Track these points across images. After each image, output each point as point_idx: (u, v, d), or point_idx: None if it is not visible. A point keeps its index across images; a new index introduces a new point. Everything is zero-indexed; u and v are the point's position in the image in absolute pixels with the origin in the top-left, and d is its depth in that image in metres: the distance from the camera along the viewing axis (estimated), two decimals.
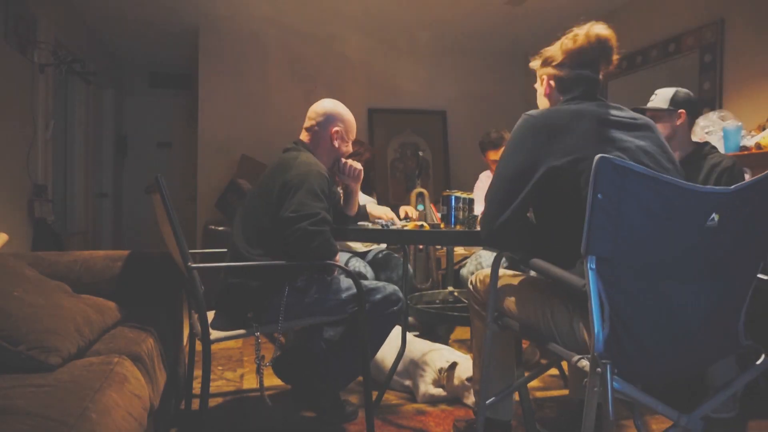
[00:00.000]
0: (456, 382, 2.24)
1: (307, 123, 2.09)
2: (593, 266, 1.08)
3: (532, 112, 1.42)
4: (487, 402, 1.67)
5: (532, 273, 1.75)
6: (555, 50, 1.55)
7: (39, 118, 3.82)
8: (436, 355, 2.34)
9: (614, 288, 1.11)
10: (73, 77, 4.58)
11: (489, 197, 1.45)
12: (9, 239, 2.64)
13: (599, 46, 1.48)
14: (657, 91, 2.35)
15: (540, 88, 1.63)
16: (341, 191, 2.23)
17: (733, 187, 1.17)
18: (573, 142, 1.33)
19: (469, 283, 1.78)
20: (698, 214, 1.14)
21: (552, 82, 1.56)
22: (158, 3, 4.48)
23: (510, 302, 1.54)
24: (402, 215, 2.66)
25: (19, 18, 3.51)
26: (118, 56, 6.03)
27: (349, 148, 2.14)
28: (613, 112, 1.42)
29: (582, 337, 1.30)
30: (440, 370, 2.27)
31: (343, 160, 2.12)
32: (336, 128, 2.06)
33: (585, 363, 1.19)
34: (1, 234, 2.60)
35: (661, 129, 2.20)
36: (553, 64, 1.54)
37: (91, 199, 5.25)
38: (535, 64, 1.65)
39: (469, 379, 2.19)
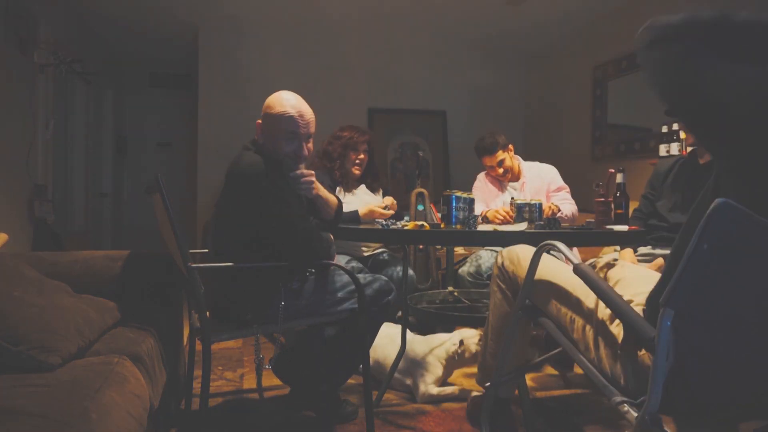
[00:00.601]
0: (473, 350, 2.32)
1: None
2: (669, 322, 0.95)
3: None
4: (499, 379, 1.62)
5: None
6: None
7: (39, 118, 3.82)
8: (440, 350, 2.35)
9: (686, 342, 0.99)
10: (73, 77, 4.58)
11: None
12: (9, 239, 2.64)
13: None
14: None
15: None
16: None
17: None
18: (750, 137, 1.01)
19: (497, 259, 1.72)
20: None
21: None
22: (158, 3, 4.48)
23: (546, 297, 1.45)
24: (383, 204, 2.66)
25: (19, 18, 3.51)
26: (118, 56, 6.03)
27: (284, 147, 1.85)
28: None
29: (620, 373, 1.20)
30: (451, 357, 2.31)
31: (298, 171, 1.86)
32: (258, 120, 1.91)
33: (628, 409, 1.08)
34: (1, 234, 2.60)
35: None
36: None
37: (91, 199, 5.26)
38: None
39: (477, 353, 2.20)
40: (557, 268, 1.51)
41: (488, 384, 1.69)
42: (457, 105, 5.61)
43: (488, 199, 3.06)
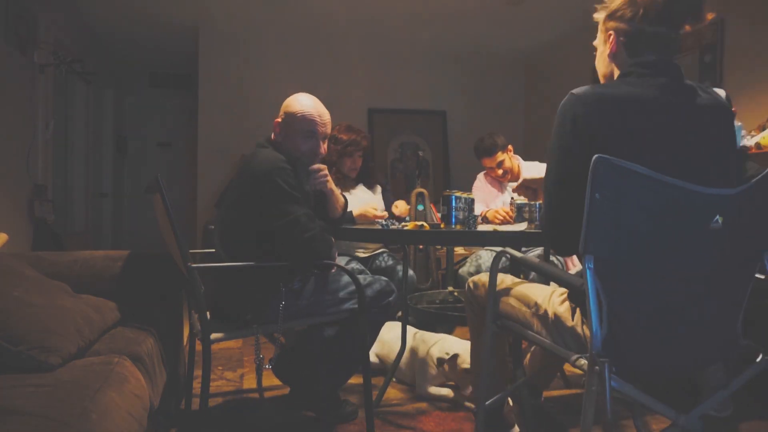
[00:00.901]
0: (458, 371, 2.24)
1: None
2: (591, 265, 1.08)
3: (578, 91, 1.25)
4: (486, 403, 1.67)
5: (532, 276, 1.74)
6: (627, 0, 1.28)
7: (39, 118, 3.82)
8: (437, 348, 2.34)
9: (613, 287, 1.10)
10: (73, 77, 4.58)
11: (552, 200, 1.34)
12: (9, 239, 2.64)
13: None
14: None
15: (603, 46, 1.37)
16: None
17: (737, 189, 1.15)
18: (623, 141, 1.18)
19: (467, 285, 1.78)
20: (703, 216, 1.12)
21: (623, 39, 1.30)
22: (158, 3, 4.48)
23: (509, 305, 1.54)
24: (396, 211, 2.66)
25: (19, 18, 3.51)
26: (118, 56, 6.03)
27: (301, 145, 1.93)
28: (681, 97, 1.23)
29: (582, 337, 1.30)
30: (439, 361, 2.27)
31: (314, 166, 1.95)
32: (277, 119, 1.97)
33: (583, 362, 1.19)
34: (1, 234, 2.60)
35: None
36: (627, 17, 1.28)
37: (91, 199, 5.26)
38: (599, 15, 1.36)
39: (468, 371, 2.19)
40: (518, 283, 1.60)
41: (476, 407, 1.74)
42: (457, 105, 5.61)
43: (488, 199, 3.06)
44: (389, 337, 2.51)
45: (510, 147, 3.07)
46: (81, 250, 2.13)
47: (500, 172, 3.02)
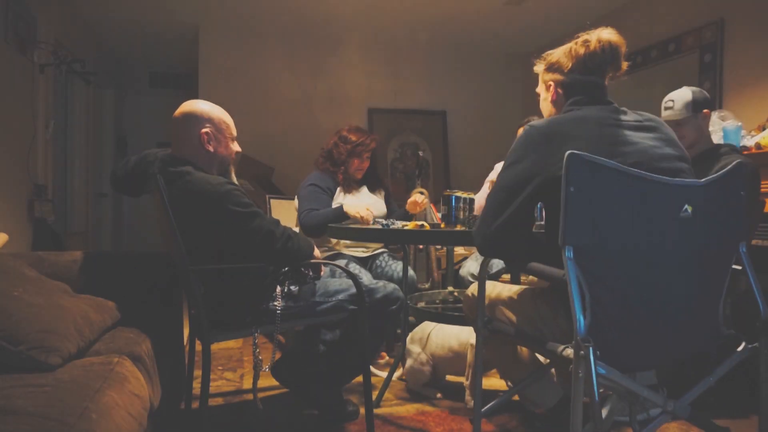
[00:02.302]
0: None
1: (172, 131, 1.85)
2: (571, 255, 1.13)
3: (535, 123, 1.39)
4: (483, 410, 1.68)
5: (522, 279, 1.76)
6: (562, 56, 1.50)
7: (39, 118, 3.82)
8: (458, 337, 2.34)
9: (594, 277, 1.15)
10: (73, 77, 4.58)
11: (486, 205, 1.45)
12: (9, 239, 2.64)
13: (610, 52, 1.44)
14: (672, 98, 2.28)
15: (545, 93, 1.58)
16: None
17: (703, 180, 1.23)
18: (577, 148, 1.30)
19: (466, 294, 1.78)
20: (671, 205, 1.19)
21: (560, 90, 1.51)
22: (158, 3, 4.48)
23: (501, 309, 1.58)
24: (412, 209, 2.66)
25: (19, 18, 3.51)
26: (118, 56, 6.03)
27: (234, 148, 1.91)
28: (617, 115, 1.39)
29: (567, 331, 1.33)
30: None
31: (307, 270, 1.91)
32: (204, 130, 1.80)
33: (570, 351, 1.22)
34: (1, 234, 2.60)
35: (688, 134, 2.22)
36: (562, 69, 1.49)
37: (91, 199, 5.26)
38: (539, 68, 1.58)
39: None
40: (505, 287, 1.66)
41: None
42: (457, 105, 5.61)
43: None
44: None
45: None
46: (81, 250, 2.13)
47: None
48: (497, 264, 2.88)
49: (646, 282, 1.21)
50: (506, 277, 2.47)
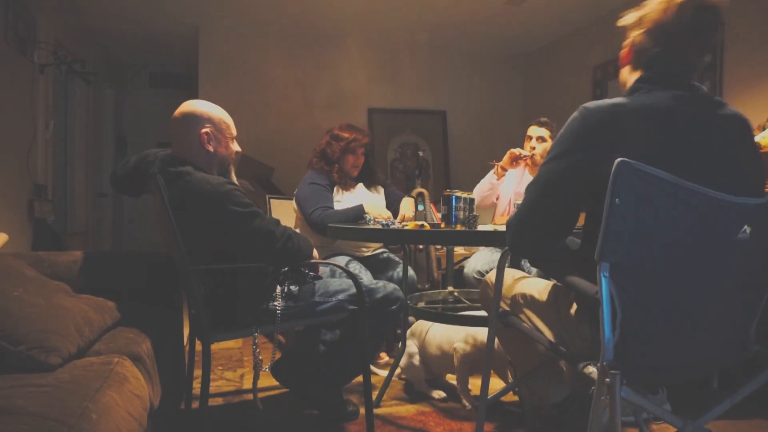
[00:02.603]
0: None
1: (171, 132, 1.84)
2: (606, 273, 1.04)
3: (591, 105, 1.19)
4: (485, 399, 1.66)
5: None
6: (649, 13, 1.22)
7: (39, 118, 3.82)
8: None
9: (629, 296, 1.07)
10: (73, 77, 4.58)
11: (525, 197, 1.30)
12: (9, 239, 2.64)
13: (700, 18, 1.16)
14: None
15: (623, 51, 1.32)
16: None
17: (766, 198, 1.11)
18: (635, 147, 1.12)
19: (485, 282, 1.74)
20: (729, 226, 1.08)
21: (632, 54, 1.27)
22: (158, 3, 4.48)
23: (520, 303, 1.52)
24: (399, 219, 2.65)
25: (19, 18, 3.51)
26: (118, 56, 6.03)
27: (234, 148, 1.91)
28: (695, 108, 1.17)
29: (589, 340, 1.27)
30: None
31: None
32: (204, 130, 1.81)
33: (592, 370, 1.16)
34: (1, 234, 2.60)
35: None
36: (641, 29, 1.23)
37: (91, 199, 5.26)
38: (627, 19, 1.29)
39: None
40: (527, 280, 1.59)
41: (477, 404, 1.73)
42: (457, 105, 5.61)
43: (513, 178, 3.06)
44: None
45: None
46: (81, 250, 2.13)
47: (531, 144, 3.01)
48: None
49: (686, 303, 1.13)
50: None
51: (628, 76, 1.29)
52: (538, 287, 1.50)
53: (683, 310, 1.13)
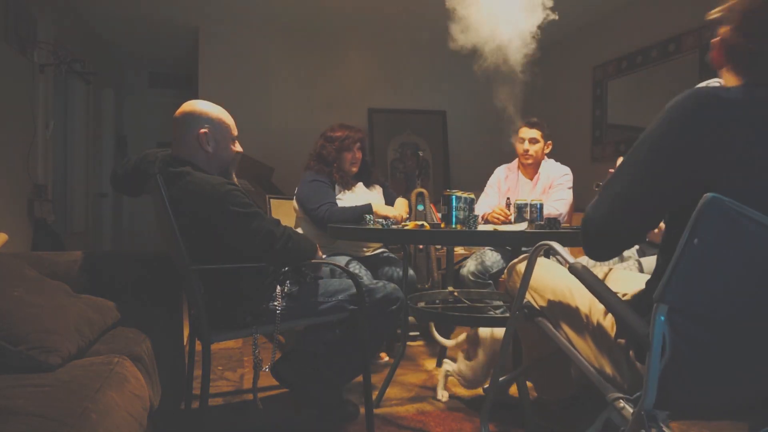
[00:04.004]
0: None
1: (172, 132, 1.84)
2: (663, 317, 0.95)
3: (703, 91, 1.01)
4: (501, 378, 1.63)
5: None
6: (737, 4, 1.06)
7: (39, 118, 3.82)
8: None
9: (682, 338, 0.97)
10: (73, 77, 4.58)
11: (613, 191, 1.13)
12: (9, 239, 2.64)
13: None
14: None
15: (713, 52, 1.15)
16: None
17: None
18: (736, 166, 0.98)
19: (512, 274, 1.68)
20: None
21: (724, 53, 1.10)
22: (158, 3, 4.48)
23: (546, 298, 1.44)
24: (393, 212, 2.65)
25: (19, 18, 3.51)
26: (118, 56, 6.03)
27: (235, 148, 1.91)
28: None
29: (621, 362, 1.20)
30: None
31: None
32: (203, 130, 1.80)
33: (624, 406, 1.08)
34: (1, 234, 2.60)
35: None
36: (730, 25, 1.07)
37: (91, 199, 5.25)
38: (715, 13, 1.13)
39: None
40: (556, 272, 1.51)
41: (486, 386, 1.70)
42: (457, 105, 5.61)
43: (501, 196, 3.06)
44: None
45: (549, 143, 3.07)
46: (81, 250, 2.13)
47: (524, 146, 3.02)
48: (497, 263, 2.88)
49: (749, 351, 1.04)
50: None
51: (731, 81, 1.11)
52: (570, 284, 1.37)
53: (743, 357, 1.05)
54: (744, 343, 1.03)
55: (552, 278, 1.47)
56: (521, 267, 1.57)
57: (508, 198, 2.83)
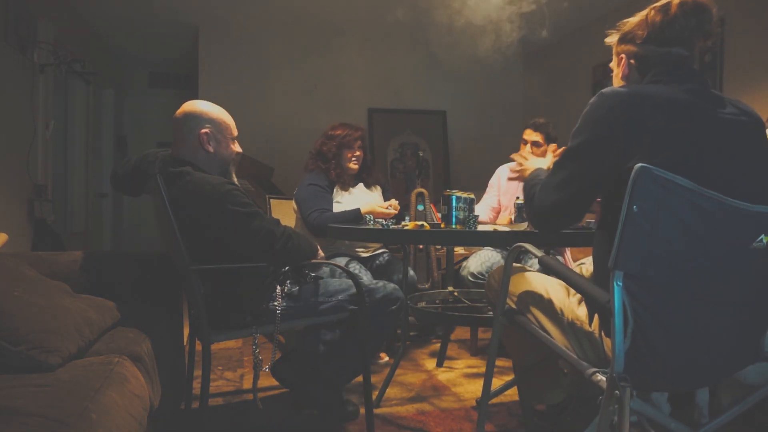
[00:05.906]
0: None
1: (173, 132, 1.85)
2: (620, 282, 1.02)
3: (608, 91, 1.17)
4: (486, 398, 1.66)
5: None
6: (638, 23, 1.28)
7: (39, 118, 3.82)
8: None
9: (642, 305, 1.05)
10: (73, 77, 4.58)
11: (550, 173, 1.30)
12: (9, 239, 2.64)
13: (695, 16, 1.20)
14: None
15: (617, 69, 1.37)
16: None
17: None
18: (658, 142, 1.10)
19: (489, 280, 1.72)
20: (745, 234, 1.06)
21: (633, 61, 1.30)
22: (158, 3, 4.48)
23: (525, 301, 1.49)
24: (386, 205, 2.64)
25: (19, 18, 3.51)
26: (118, 56, 6.03)
27: (235, 148, 1.91)
28: (709, 104, 1.17)
29: (600, 345, 1.25)
30: None
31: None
32: (204, 130, 1.80)
33: (600, 378, 1.14)
34: (1, 234, 2.60)
35: None
36: (636, 40, 1.28)
37: (91, 199, 5.25)
38: (611, 39, 1.38)
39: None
40: (534, 279, 1.56)
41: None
42: (457, 105, 5.61)
43: (501, 194, 3.06)
44: None
45: (554, 146, 3.07)
46: (81, 250, 2.13)
47: (526, 149, 3.02)
48: (497, 263, 2.88)
49: (701, 312, 1.11)
50: None
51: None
52: (546, 285, 1.46)
53: (697, 319, 1.11)
54: (691, 307, 1.10)
55: (529, 284, 1.53)
56: (498, 275, 1.64)
57: (518, 197, 2.84)
